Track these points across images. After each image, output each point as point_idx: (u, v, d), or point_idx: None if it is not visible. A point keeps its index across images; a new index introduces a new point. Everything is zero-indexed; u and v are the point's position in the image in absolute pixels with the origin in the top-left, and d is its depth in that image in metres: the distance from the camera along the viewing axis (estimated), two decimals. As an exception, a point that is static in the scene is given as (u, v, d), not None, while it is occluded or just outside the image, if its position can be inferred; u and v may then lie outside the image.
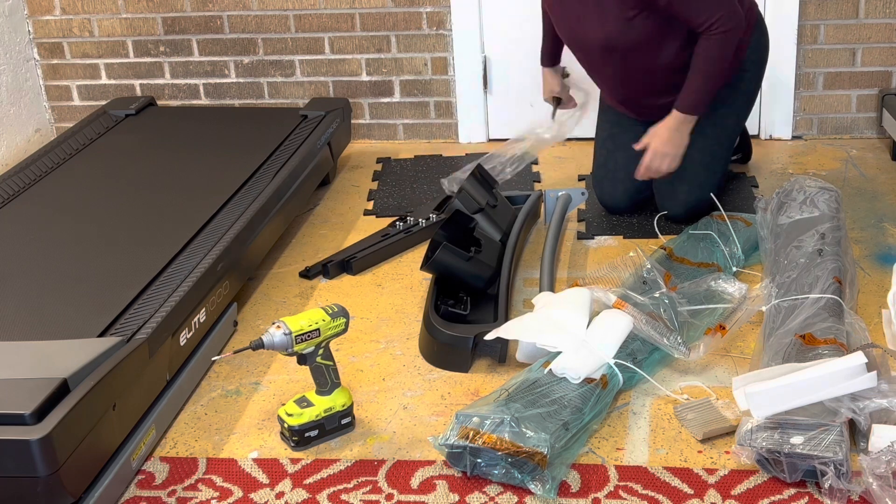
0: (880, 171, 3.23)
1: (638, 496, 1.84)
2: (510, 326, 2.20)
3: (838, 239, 2.48)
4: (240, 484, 1.93)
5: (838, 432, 1.79)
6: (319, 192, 3.27)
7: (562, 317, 2.16)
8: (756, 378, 1.94)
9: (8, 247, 2.47)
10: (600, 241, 2.85)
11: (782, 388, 1.86)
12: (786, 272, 2.37)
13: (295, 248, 2.90)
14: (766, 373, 1.96)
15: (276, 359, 2.33)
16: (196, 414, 2.16)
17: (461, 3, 3.51)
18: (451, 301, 2.44)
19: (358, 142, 3.74)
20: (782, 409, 1.84)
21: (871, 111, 3.48)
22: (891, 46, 3.39)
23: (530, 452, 1.83)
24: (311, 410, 2.01)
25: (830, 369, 1.87)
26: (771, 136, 3.54)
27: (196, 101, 3.78)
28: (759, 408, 1.86)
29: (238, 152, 3.05)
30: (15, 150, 3.63)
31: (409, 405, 2.15)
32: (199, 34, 3.68)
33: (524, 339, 2.16)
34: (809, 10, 3.37)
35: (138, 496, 1.91)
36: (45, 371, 1.83)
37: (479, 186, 2.75)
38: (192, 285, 2.23)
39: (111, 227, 2.57)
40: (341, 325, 2.01)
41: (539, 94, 3.10)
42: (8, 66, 3.62)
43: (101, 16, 3.70)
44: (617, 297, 2.25)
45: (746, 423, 1.87)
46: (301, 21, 3.61)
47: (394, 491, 1.89)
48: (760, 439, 1.82)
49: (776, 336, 2.15)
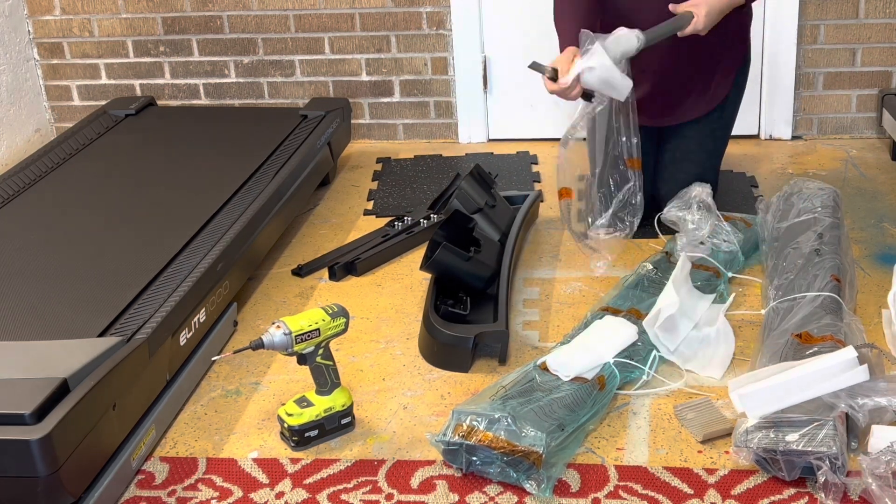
0: (880, 171, 3.23)
1: (638, 496, 1.84)
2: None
3: (837, 238, 2.48)
4: (240, 484, 1.93)
5: (831, 426, 1.79)
6: (319, 192, 3.27)
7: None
8: (751, 379, 1.94)
9: (8, 247, 2.47)
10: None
11: (775, 387, 1.87)
12: (784, 274, 2.37)
13: (295, 248, 2.91)
14: (761, 373, 1.96)
15: (276, 359, 2.33)
16: (196, 414, 2.16)
17: (461, 3, 3.51)
18: (450, 301, 2.44)
19: (358, 142, 3.74)
20: (777, 409, 1.85)
21: (871, 111, 3.48)
22: (891, 46, 3.39)
23: (526, 451, 1.83)
24: (311, 410, 2.01)
25: (822, 365, 1.88)
26: (771, 136, 3.54)
27: (196, 101, 3.78)
28: (754, 409, 1.87)
29: (238, 152, 3.05)
30: (15, 150, 3.63)
31: (409, 405, 2.15)
32: (199, 34, 3.68)
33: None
34: (809, 10, 3.37)
35: (138, 496, 1.91)
36: (45, 371, 1.83)
37: (477, 186, 2.75)
38: (192, 285, 2.23)
39: (111, 227, 2.57)
40: (341, 325, 2.01)
41: (539, 94, 3.08)
42: (8, 66, 3.62)
43: (101, 16, 3.70)
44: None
45: (742, 425, 1.87)
46: (301, 21, 3.61)
47: (394, 491, 1.89)
48: (756, 440, 1.83)
49: (773, 336, 2.15)
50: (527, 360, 2.22)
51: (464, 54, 3.57)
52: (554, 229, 2.93)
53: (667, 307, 2.20)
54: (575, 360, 2.07)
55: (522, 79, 3.55)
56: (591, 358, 2.08)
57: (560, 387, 2.01)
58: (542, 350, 2.30)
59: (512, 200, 2.94)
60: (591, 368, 2.06)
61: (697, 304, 2.35)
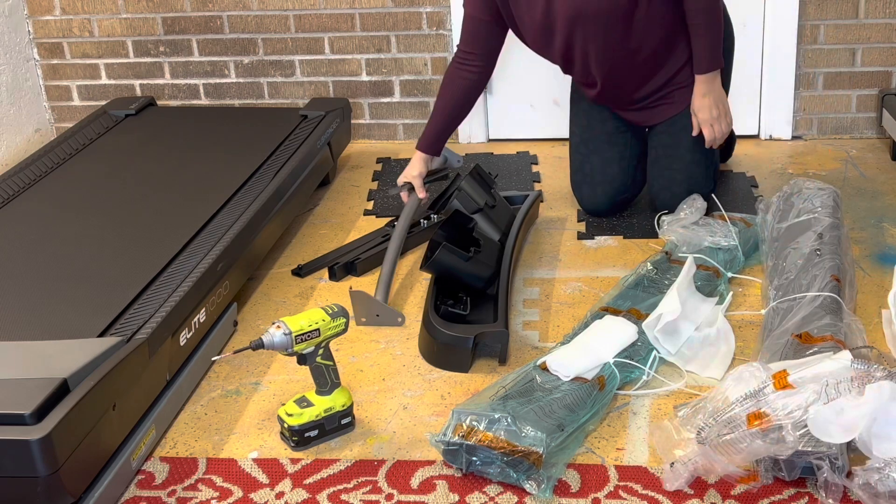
0: (880, 171, 3.23)
1: (638, 496, 1.84)
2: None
3: (837, 238, 2.48)
4: (240, 484, 1.93)
5: None
6: (319, 192, 3.27)
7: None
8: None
9: (8, 246, 2.47)
10: (600, 241, 2.85)
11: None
12: (784, 274, 2.37)
13: (295, 248, 2.91)
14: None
15: (276, 359, 2.33)
16: (196, 414, 2.16)
17: (461, 3, 3.50)
18: (450, 301, 2.44)
19: (358, 142, 3.74)
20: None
21: (871, 111, 3.48)
22: (891, 46, 3.39)
23: (526, 452, 1.83)
24: (311, 410, 2.01)
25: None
26: (771, 136, 3.54)
27: (196, 101, 3.78)
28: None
29: (238, 152, 3.05)
30: (15, 150, 3.63)
31: (409, 405, 2.15)
32: (199, 34, 3.68)
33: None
34: (809, 10, 3.37)
35: (138, 496, 1.91)
36: (45, 371, 1.83)
37: (477, 187, 2.75)
38: (192, 285, 2.23)
39: (111, 227, 2.57)
40: (341, 325, 2.01)
41: (539, 94, 3.10)
42: (8, 66, 3.62)
43: (101, 16, 3.70)
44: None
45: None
46: (301, 21, 3.61)
47: (394, 491, 1.89)
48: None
49: (773, 336, 2.15)
50: (527, 360, 2.22)
51: (464, 54, 3.56)
52: (554, 229, 2.93)
53: (668, 313, 2.20)
54: (575, 361, 2.07)
55: (522, 79, 3.56)
56: (591, 358, 2.08)
57: (560, 387, 2.01)
58: (542, 350, 2.30)
59: (512, 200, 2.94)
60: (592, 369, 2.06)
61: (699, 306, 2.35)
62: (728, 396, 1.85)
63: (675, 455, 1.86)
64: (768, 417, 1.75)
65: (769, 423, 1.74)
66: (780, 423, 1.74)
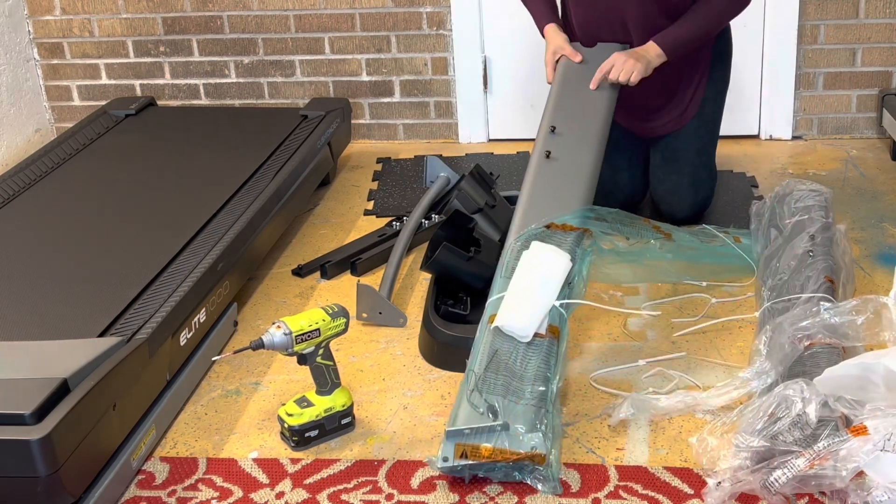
0: (880, 171, 3.23)
1: (638, 496, 1.84)
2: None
3: (829, 239, 2.47)
4: (240, 484, 1.93)
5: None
6: (319, 192, 3.27)
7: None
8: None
9: (8, 247, 2.47)
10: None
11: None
12: (778, 275, 2.37)
13: (295, 248, 2.91)
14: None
15: (276, 359, 2.33)
16: (196, 414, 2.16)
17: (461, 3, 3.51)
18: (450, 301, 2.44)
19: (358, 142, 3.74)
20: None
21: (871, 111, 3.48)
22: (891, 46, 3.40)
23: (530, 456, 1.83)
24: (311, 410, 2.01)
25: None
26: (771, 136, 3.54)
27: (196, 101, 3.78)
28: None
29: (238, 152, 3.05)
30: (15, 150, 3.63)
31: (409, 405, 2.15)
32: (199, 34, 3.68)
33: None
34: (809, 10, 3.37)
35: (138, 496, 1.91)
36: (45, 371, 1.83)
37: (477, 187, 2.75)
38: (192, 285, 2.23)
39: (111, 226, 2.57)
40: (341, 325, 2.01)
41: (538, 94, 3.09)
42: (8, 66, 3.62)
43: (101, 16, 3.70)
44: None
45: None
46: (301, 21, 3.61)
47: (394, 491, 1.89)
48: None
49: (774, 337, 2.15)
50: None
51: (464, 54, 3.57)
52: (554, 229, 2.93)
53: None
54: (524, 317, 2.02)
55: (522, 79, 3.56)
56: (538, 308, 2.04)
57: (524, 353, 1.99)
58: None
59: (512, 200, 2.93)
60: (542, 320, 2.04)
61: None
62: (775, 412, 1.81)
63: (718, 468, 1.82)
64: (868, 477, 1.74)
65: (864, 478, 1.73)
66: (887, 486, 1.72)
